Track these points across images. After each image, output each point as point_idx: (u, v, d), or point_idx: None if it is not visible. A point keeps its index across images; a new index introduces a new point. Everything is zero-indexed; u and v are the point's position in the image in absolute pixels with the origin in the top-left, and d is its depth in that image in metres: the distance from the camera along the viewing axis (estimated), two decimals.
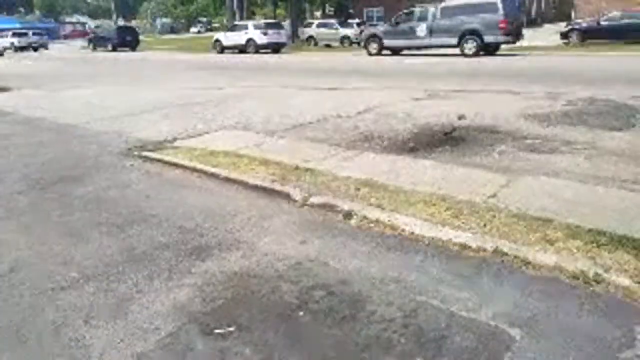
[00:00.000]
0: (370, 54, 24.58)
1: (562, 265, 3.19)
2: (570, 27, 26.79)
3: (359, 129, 7.50)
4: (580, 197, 4.35)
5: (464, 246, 3.56)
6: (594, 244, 3.44)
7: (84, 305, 3.06)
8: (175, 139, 7.36)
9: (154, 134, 7.84)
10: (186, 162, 5.98)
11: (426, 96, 10.46)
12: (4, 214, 4.73)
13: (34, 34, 53.30)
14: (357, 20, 38.93)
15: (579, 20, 30.07)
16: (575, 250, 3.38)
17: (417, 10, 23.69)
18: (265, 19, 42.89)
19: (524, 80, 12.59)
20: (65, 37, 79.15)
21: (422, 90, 11.29)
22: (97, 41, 46.68)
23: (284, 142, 6.93)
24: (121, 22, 78.50)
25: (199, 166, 5.79)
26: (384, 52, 24.59)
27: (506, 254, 3.39)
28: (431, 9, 23.00)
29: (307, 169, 5.47)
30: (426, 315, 2.82)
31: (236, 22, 35.96)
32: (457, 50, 21.39)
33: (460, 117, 7.80)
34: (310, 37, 38.48)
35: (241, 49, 33.35)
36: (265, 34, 32.60)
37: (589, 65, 15.68)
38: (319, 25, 38.81)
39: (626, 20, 23.91)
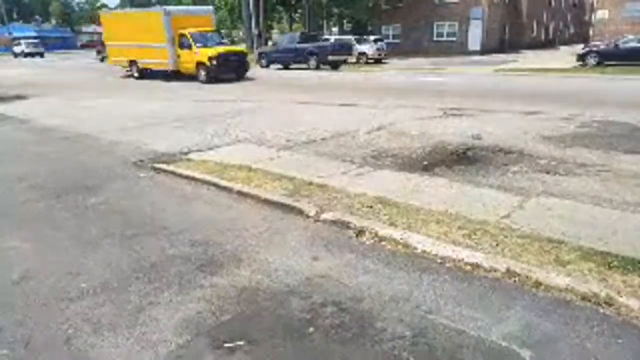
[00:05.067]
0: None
1: (574, 287, 3.17)
2: (587, 49, 26.33)
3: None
4: (593, 219, 4.32)
5: (476, 266, 3.54)
6: (606, 267, 3.42)
7: (93, 316, 3.09)
8: (189, 152, 7.42)
9: (167, 145, 7.92)
10: (199, 175, 6.03)
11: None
12: (16, 222, 4.80)
13: (30, 43, 56.10)
14: (373, 37, 38.83)
15: (597, 43, 29.70)
16: (587, 272, 3.36)
17: None
18: (282, 33, 43.22)
19: (540, 101, 12.54)
20: (82, 46, 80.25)
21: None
22: None
23: (298, 157, 6.97)
24: None
25: (212, 179, 5.83)
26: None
27: (518, 274, 3.37)
28: None
29: (320, 185, 5.49)
30: (436, 333, 2.81)
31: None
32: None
33: (475, 137, 7.79)
34: None
35: None
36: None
37: (605, 88, 15.59)
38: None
39: None
